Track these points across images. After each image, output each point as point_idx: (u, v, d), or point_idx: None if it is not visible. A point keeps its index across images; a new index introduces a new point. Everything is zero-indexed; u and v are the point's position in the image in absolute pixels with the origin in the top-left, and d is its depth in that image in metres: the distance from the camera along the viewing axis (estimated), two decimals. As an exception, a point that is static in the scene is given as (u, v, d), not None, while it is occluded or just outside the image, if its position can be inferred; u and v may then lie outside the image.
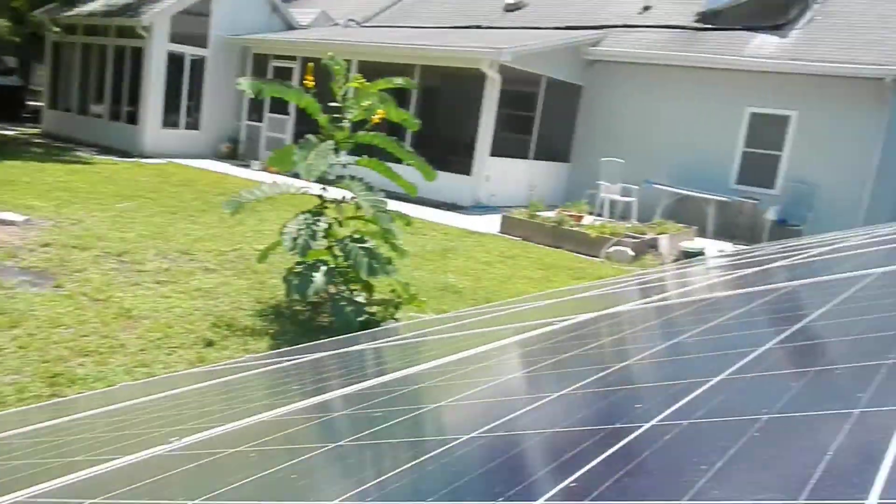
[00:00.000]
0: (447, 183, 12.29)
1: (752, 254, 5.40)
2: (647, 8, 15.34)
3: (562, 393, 0.98)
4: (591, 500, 0.51)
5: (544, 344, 1.71)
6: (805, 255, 3.65)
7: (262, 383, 2.24)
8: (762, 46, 13.08)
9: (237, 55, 15.88)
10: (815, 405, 0.64)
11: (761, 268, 3.37)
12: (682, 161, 13.63)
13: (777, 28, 13.32)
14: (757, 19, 13.55)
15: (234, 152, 15.55)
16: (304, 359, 2.95)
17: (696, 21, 14.33)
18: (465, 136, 13.12)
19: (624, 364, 1.11)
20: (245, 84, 5.08)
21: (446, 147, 13.44)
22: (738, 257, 5.29)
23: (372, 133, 5.16)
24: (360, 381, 1.73)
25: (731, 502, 0.45)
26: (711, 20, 14.16)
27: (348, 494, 0.69)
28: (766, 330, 1.15)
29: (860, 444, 0.51)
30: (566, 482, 0.57)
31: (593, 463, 0.61)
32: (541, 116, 14.07)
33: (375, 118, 5.17)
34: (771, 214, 12.23)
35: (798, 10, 13.75)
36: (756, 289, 2.08)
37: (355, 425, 1.17)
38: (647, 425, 0.69)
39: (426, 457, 0.79)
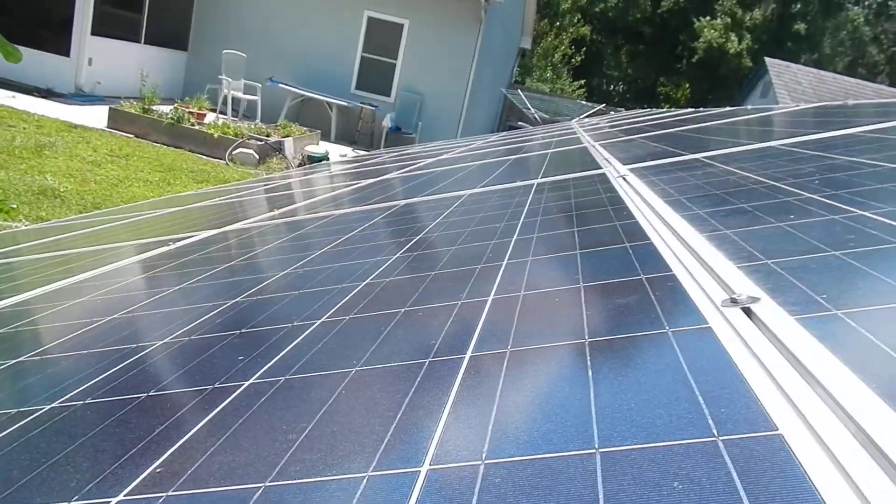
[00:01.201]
0: (39, 63, 10.48)
1: (370, 162, 5.75)
2: None
3: (167, 340, 0.93)
4: (173, 492, 0.49)
5: (159, 270, 1.59)
6: (414, 167, 4.01)
7: None
8: (381, -48, 13.50)
9: None
10: (396, 355, 0.70)
11: (378, 178, 3.60)
12: (307, 61, 13.66)
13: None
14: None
15: None
16: None
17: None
18: (58, 6, 11.19)
19: (236, 301, 1.08)
20: None
21: (34, 19, 11.33)
22: (358, 165, 5.59)
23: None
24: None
25: (316, 480, 0.47)
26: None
27: None
28: (369, 260, 1.23)
29: (425, 408, 0.57)
30: (151, 468, 0.53)
31: (185, 437, 0.58)
32: (153, -5, 12.64)
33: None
34: (387, 121, 13.10)
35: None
36: (372, 206, 2.22)
37: None
38: (245, 384, 0.68)
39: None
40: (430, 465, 0.45)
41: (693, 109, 7.41)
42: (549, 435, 0.46)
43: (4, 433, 0.68)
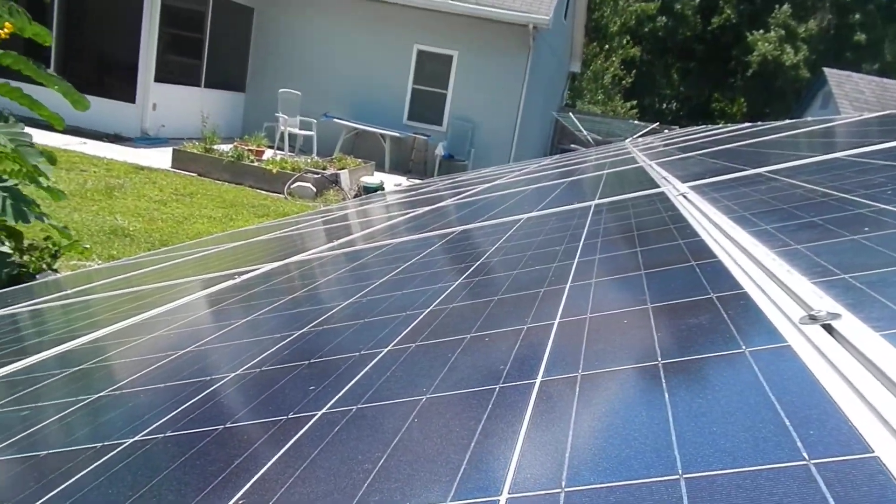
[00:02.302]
0: (108, 110, 10.99)
1: (425, 190, 5.81)
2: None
3: (239, 372, 0.95)
4: (260, 520, 0.50)
5: (226, 304, 1.64)
6: (469, 193, 4.02)
7: None
8: (427, -16, 13.75)
9: None
10: (466, 381, 0.69)
11: (433, 206, 3.63)
12: (359, 95, 13.95)
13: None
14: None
15: None
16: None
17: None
18: (124, 56, 11.74)
19: (302, 331, 1.10)
20: None
21: (103, 69, 11.90)
22: (413, 194, 5.64)
23: (1, 52, 4.34)
24: (14, 361, 1.49)
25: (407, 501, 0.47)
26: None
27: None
28: (431, 287, 1.24)
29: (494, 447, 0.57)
30: (233, 500, 0.54)
31: (264, 469, 0.59)
32: (211, 39, 13.16)
33: (3, 33, 4.35)
34: (440, 150, 13.23)
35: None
36: (429, 234, 2.24)
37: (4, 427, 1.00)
38: (318, 414, 0.69)
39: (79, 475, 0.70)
40: (508, 493, 0.44)
41: (751, 124, 7.25)
42: (630, 461, 0.45)
43: (91, 467, 0.71)
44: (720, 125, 10.35)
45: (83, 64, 11.87)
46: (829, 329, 0.61)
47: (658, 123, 19.44)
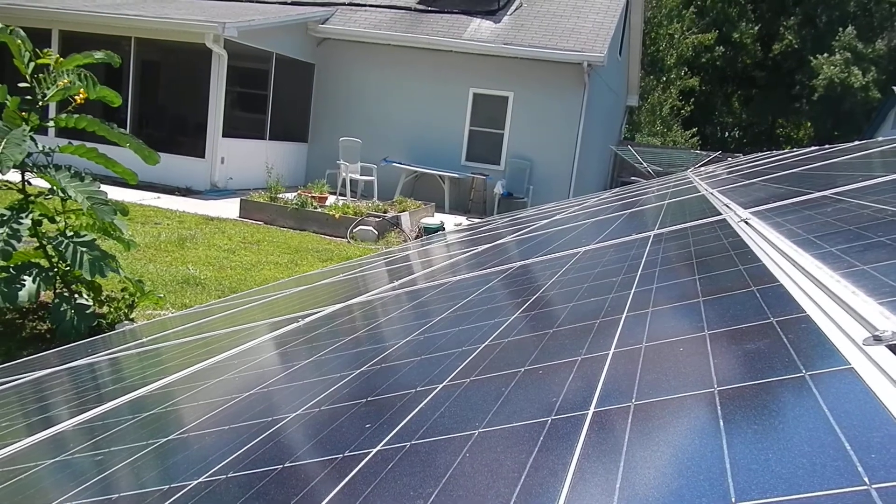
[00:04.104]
0: (179, 166, 11.50)
1: (485, 228, 5.83)
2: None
3: (299, 412, 0.96)
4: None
5: (290, 346, 1.67)
6: (527, 230, 4.02)
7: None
8: (479, 30, 14.03)
9: None
10: (518, 415, 0.69)
11: (492, 244, 3.64)
12: (417, 139, 14.20)
13: (490, 13, 14.38)
14: (471, 4, 14.49)
15: None
16: (22, 379, 2.58)
17: (418, 3, 14.90)
18: (194, 115, 12.32)
19: (361, 370, 1.12)
20: None
21: (175, 128, 12.52)
22: (473, 232, 5.67)
23: (77, 116, 4.62)
24: (93, 407, 1.55)
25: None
26: (431, 2, 14.81)
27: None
28: (487, 322, 1.24)
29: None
30: (290, 534, 0.55)
31: (325, 501, 0.60)
32: (274, 95, 13.69)
33: (79, 98, 4.64)
34: (498, 189, 13.29)
35: (508, -3, 14.88)
36: (488, 271, 2.24)
37: (83, 471, 1.05)
38: (373, 451, 0.70)
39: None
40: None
41: (817, 147, 7.04)
42: (681, 490, 0.44)
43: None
44: (785, 150, 10.08)
45: (157, 124, 12.51)
46: (895, 350, 0.59)
47: (721, 152, 19.05)
